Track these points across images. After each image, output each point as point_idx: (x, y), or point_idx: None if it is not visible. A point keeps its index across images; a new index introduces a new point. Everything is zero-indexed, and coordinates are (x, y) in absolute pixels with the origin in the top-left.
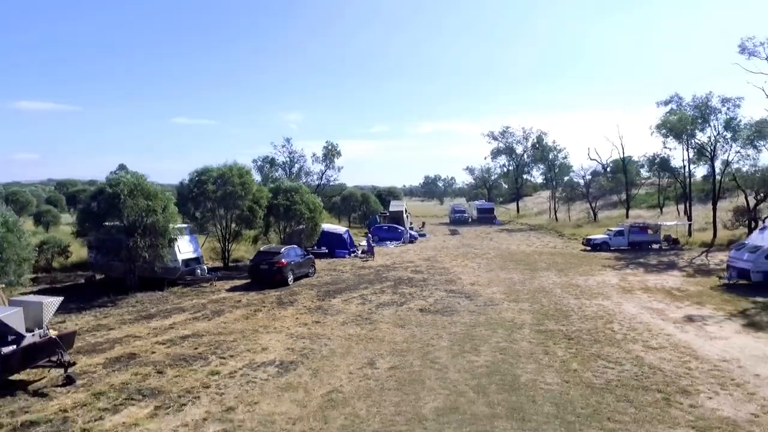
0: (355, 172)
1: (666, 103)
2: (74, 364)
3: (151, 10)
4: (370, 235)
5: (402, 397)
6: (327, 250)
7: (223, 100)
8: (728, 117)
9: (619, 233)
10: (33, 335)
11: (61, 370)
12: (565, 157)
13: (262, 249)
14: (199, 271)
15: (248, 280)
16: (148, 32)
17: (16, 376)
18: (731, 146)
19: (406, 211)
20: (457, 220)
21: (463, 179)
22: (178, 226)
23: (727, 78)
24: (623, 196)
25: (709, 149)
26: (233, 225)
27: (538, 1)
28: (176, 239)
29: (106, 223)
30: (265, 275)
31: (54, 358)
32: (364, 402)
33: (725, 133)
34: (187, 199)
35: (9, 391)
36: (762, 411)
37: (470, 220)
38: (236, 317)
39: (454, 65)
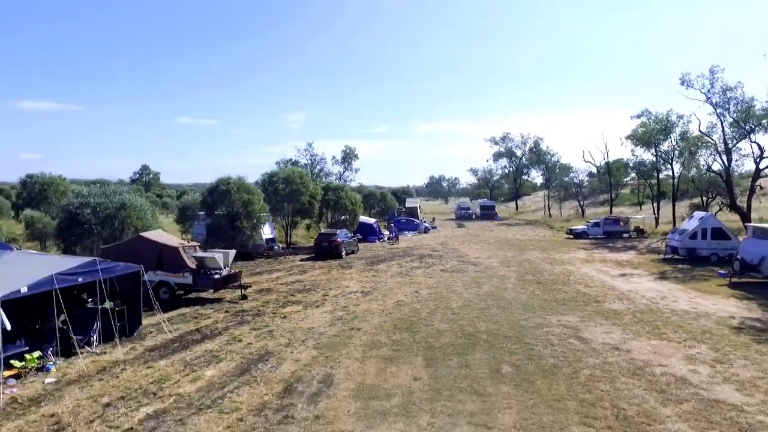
0: (361, 172)
1: (638, 116)
2: (249, 286)
3: (154, 10)
4: (393, 225)
5: (438, 303)
6: (361, 236)
7: (226, 100)
8: (682, 130)
9: (596, 224)
10: (226, 270)
11: (238, 291)
12: (557, 161)
13: (322, 231)
14: (276, 247)
15: (311, 255)
16: (151, 32)
17: (216, 295)
18: (684, 154)
19: (419, 207)
20: (463, 215)
21: (467, 179)
22: (265, 214)
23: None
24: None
25: (669, 156)
26: (294, 216)
27: (538, 1)
28: (263, 223)
29: (217, 212)
30: (325, 250)
31: (236, 284)
32: (417, 304)
33: (681, 143)
34: None
35: (217, 302)
36: (633, 306)
37: (474, 216)
38: (318, 273)
39: (454, 65)
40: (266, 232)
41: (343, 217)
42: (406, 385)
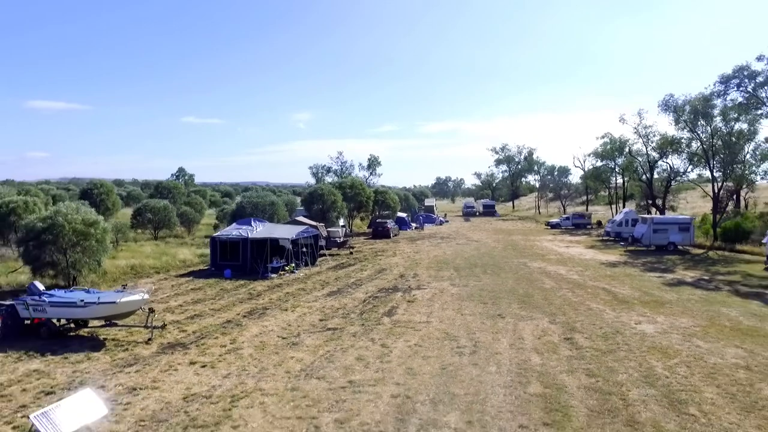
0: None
1: (602, 137)
2: (354, 247)
3: (160, 10)
4: (420, 217)
5: (456, 255)
6: (398, 226)
7: (232, 100)
8: (628, 150)
9: (567, 218)
10: (342, 238)
11: (347, 251)
12: (549, 167)
13: (377, 220)
14: (347, 231)
15: (368, 237)
16: (158, 33)
17: (336, 251)
18: (630, 169)
19: (435, 205)
20: (468, 212)
21: (472, 181)
22: (343, 210)
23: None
24: (591, 196)
25: (621, 169)
26: (354, 210)
27: (543, 4)
28: (342, 216)
29: (314, 207)
30: (380, 233)
31: (347, 246)
32: (446, 256)
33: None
34: None
35: (338, 255)
36: (560, 257)
37: (477, 213)
38: (381, 245)
39: (459, 67)
40: (341, 221)
41: (386, 212)
42: (447, 275)
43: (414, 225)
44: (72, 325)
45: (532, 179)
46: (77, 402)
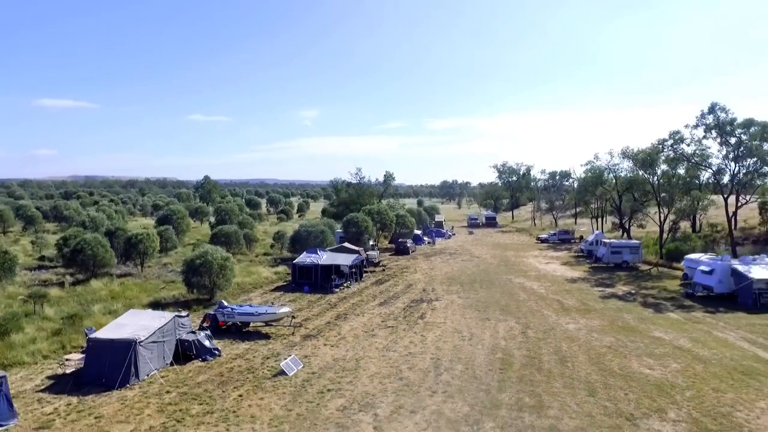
0: (373, 170)
1: (587, 164)
2: (385, 265)
3: (167, 10)
4: (433, 234)
5: (462, 271)
6: (414, 243)
7: (238, 97)
8: (606, 176)
9: (553, 234)
10: (376, 258)
11: (381, 268)
12: (537, 182)
13: (399, 240)
14: (377, 250)
15: (392, 253)
16: (165, 32)
17: (372, 269)
18: (604, 198)
19: (444, 220)
20: (472, 224)
21: (478, 182)
22: (374, 231)
23: (728, 79)
24: (581, 208)
25: (599, 192)
26: (378, 230)
27: (544, 5)
28: (371, 236)
29: (350, 230)
30: (401, 250)
31: (380, 264)
32: (454, 272)
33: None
34: None
35: (373, 272)
36: (538, 273)
37: (480, 224)
38: (403, 261)
39: (462, 65)
40: (371, 242)
41: (406, 231)
42: (455, 290)
43: (427, 240)
44: (240, 325)
45: (537, 182)
46: (291, 360)
